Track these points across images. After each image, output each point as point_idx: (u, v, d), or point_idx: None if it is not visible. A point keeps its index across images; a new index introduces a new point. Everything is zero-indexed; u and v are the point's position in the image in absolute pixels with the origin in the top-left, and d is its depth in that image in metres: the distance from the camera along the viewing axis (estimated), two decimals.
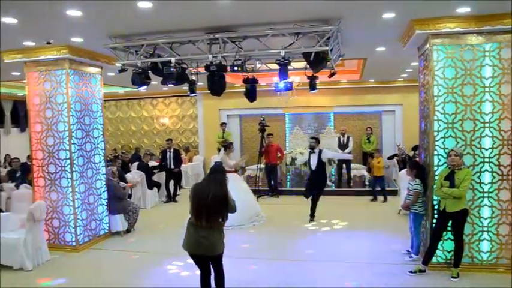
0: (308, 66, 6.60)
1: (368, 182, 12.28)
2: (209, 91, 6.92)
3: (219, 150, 12.66)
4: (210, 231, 4.48)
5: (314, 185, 8.98)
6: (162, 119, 17.04)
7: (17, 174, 9.88)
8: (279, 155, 11.92)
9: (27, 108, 7.56)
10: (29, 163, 10.68)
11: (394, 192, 11.15)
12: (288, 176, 13.81)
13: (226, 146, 9.42)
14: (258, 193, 11.12)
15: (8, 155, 14.02)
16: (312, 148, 8.94)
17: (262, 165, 12.20)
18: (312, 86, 8.26)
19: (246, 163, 12.96)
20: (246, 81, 8.01)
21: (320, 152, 8.85)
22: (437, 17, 5.68)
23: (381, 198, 10.79)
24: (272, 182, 11.92)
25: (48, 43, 6.82)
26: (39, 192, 7.46)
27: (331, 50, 6.11)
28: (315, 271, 6.12)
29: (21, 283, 5.97)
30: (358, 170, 12.77)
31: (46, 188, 7.41)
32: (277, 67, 6.48)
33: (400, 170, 10.73)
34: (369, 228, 8.29)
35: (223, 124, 14.56)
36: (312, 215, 8.86)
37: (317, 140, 9.09)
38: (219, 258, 4.70)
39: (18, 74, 9.81)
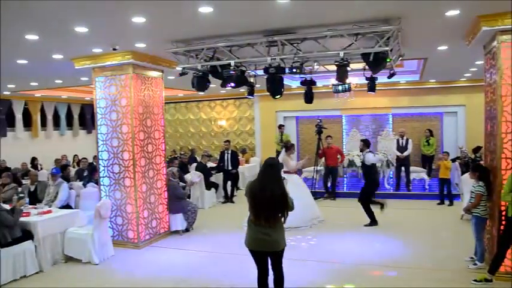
0: (367, 67, 6.50)
1: (428, 185, 11.91)
2: (267, 93, 6.96)
3: (277, 153, 12.70)
4: (271, 228, 4.44)
5: (361, 188, 8.88)
6: (219, 121, 17.35)
7: (85, 174, 10.39)
8: (339, 157, 11.79)
9: (94, 111, 7.96)
10: (95, 163, 11.24)
11: (457, 197, 10.72)
12: (345, 179, 13.64)
13: (288, 147, 9.40)
14: (314, 195, 11.03)
15: (76, 155, 14.81)
16: (361, 151, 8.83)
17: (319, 167, 12.13)
18: (371, 87, 8.12)
19: (303, 165, 12.92)
20: (303, 83, 8.01)
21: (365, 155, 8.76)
22: (506, 12, 5.37)
23: (446, 201, 10.40)
24: (329, 185, 11.81)
25: (114, 49, 7.16)
26: (104, 191, 7.83)
27: (391, 50, 5.99)
28: (372, 275, 6.01)
29: (90, 275, 6.33)
30: (418, 173, 12.38)
31: (111, 187, 7.76)
32: (335, 68, 6.44)
33: (462, 174, 10.30)
34: (428, 232, 8.04)
35: (281, 126, 14.43)
36: (371, 219, 8.66)
37: (365, 143, 8.93)
38: (281, 255, 4.61)
39: (87, 79, 10.34)
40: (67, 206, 8.19)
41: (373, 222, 8.63)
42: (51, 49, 7.18)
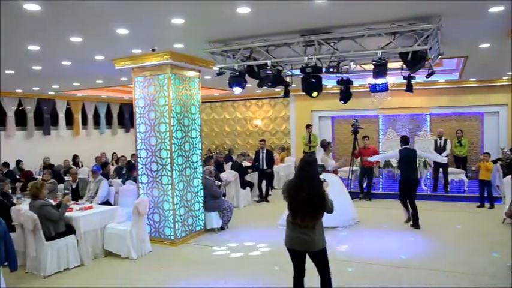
0: (405, 66, 6.41)
1: (467, 187, 11.60)
2: (303, 92, 6.96)
3: (305, 154, 12.65)
4: (308, 228, 4.35)
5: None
6: (254, 120, 17.44)
7: (123, 171, 10.65)
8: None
9: (133, 111, 8.15)
10: (133, 161, 11.51)
11: (498, 199, 10.38)
12: (381, 179, 13.45)
13: (325, 145, 9.32)
14: (349, 195, 10.96)
15: (115, 153, 15.21)
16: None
17: (354, 168, 12.01)
18: (409, 87, 8.00)
19: (340, 166, 12.80)
20: (340, 82, 7.96)
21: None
22: None
23: (486, 204, 10.11)
24: (365, 185, 11.69)
25: (153, 50, 7.32)
26: (142, 188, 8.01)
27: (430, 48, 5.89)
28: (409, 278, 5.92)
29: (129, 270, 6.49)
30: (456, 174, 12.07)
31: (149, 184, 7.94)
32: (372, 67, 6.38)
33: (504, 176, 9.98)
34: (467, 236, 7.83)
35: (309, 126, 13.83)
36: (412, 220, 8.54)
37: (403, 140, 8.83)
38: (321, 254, 4.45)
39: (126, 79, 10.62)
40: (106, 203, 8.42)
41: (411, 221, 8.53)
42: (93, 50, 7.44)
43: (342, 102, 7.99)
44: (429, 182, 12.39)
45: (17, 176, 11.40)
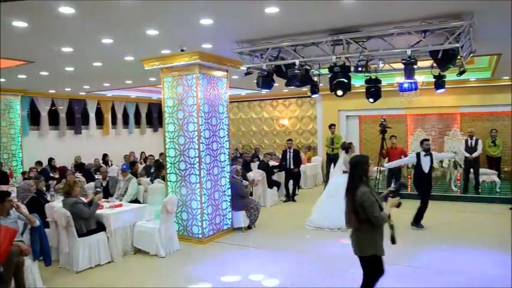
0: (435, 64, 6.31)
1: (499, 188, 11.32)
2: (331, 92, 6.93)
3: (328, 156, 12.45)
4: (353, 231, 4.25)
5: (429, 188, 8.62)
6: (281, 120, 17.43)
7: (152, 170, 10.80)
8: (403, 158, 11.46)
9: (162, 110, 8.27)
10: (161, 160, 11.67)
11: None
12: (409, 180, 13.22)
13: (347, 147, 9.29)
14: None
15: (143, 152, 15.46)
16: (428, 150, 8.56)
17: (382, 168, 11.87)
18: (439, 86, 7.86)
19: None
20: (368, 81, 7.88)
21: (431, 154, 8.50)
22: None
23: None
24: (392, 185, 11.51)
25: (182, 50, 7.42)
26: (171, 187, 8.12)
27: (461, 46, 5.77)
28: (438, 280, 5.82)
29: (157, 268, 6.60)
30: (488, 175, 11.78)
31: (177, 183, 8.04)
32: (401, 66, 6.31)
33: None
34: (500, 241, 7.56)
35: (331, 126, 13.15)
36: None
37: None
38: (365, 262, 4.26)
39: (154, 79, 10.78)
40: (136, 201, 8.57)
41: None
42: (123, 51, 7.58)
43: (371, 100, 7.89)
44: (459, 183, 12.13)
45: (51, 174, 11.71)
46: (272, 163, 12.21)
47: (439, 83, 7.86)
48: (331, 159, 11.97)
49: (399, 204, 4.22)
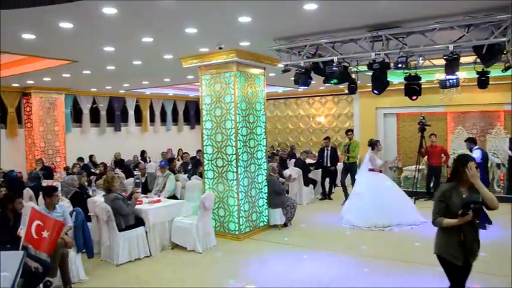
0: (478, 60, 6.11)
1: None
2: (367, 89, 6.85)
3: (345, 164, 11.18)
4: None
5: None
6: (318, 117, 17.32)
7: (189, 167, 10.96)
8: (444, 157, 11.20)
9: (199, 108, 8.37)
10: (198, 157, 11.83)
11: None
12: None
13: (373, 144, 9.15)
14: (415, 195, 10.64)
15: (180, 149, 15.69)
16: (470, 150, 8.34)
17: (421, 167, 11.62)
18: (482, 82, 7.61)
19: (403, 163, 12.46)
20: (407, 78, 7.72)
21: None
22: None
23: None
24: (432, 185, 11.27)
25: (220, 48, 7.48)
26: (208, 183, 8.21)
27: (508, 41, 5.56)
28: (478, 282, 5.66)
29: (194, 263, 6.70)
30: None
31: (214, 180, 8.13)
32: (442, 62, 6.14)
33: None
34: None
35: (349, 132, 11.62)
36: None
37: (472, 140, 8.54)
38: (440, 263, 4.08)
39: (192, 77, 10.93)
40: (173, 197, 8.70)
41: None
42: (162, 50, 7.71)
43: (411, 98, 7.72)
44: (502, 183, 11.73)
45: (92, 170, 12.07)
46: (308, 161, 12.15)
47: (483, 79, 7.61)
48: (347, 168, 11.07)
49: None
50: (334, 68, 6.62)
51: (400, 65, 6.24)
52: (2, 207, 5.43)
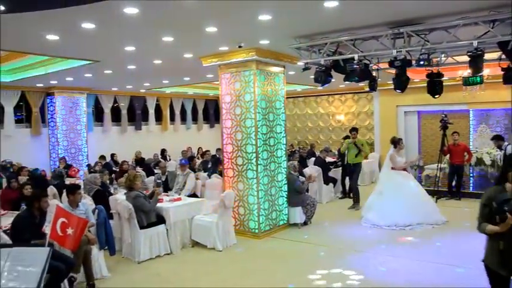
0: (503, 56, 5.99)
1: None
2: (388, 87, 6.78)
3: (347, 166, 10.64)
4: None
5: None
6: (337, 115, 17.21)
7: (209, 165, 11.01)
8: (466, 156, 11.01)
9: (219, 106, 8.40)
10: (217, 155, 11.87)
11: None
12: (471, 178, 12.68)
13: (396, 142, 9.02)
14: (437, 194, 10.50)
15: (200, 147, 15.78)
16: (498, 147, 8.18)
17: (443, 165, 11.44)
18: (507, 79, 7.44)
19: (425, 162, 12.29)
20: (429, 75, 7.61)
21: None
22: None
23: None
24: (454, 184, 11.10)
25: (240, 47, 7.49)
26: (228, 182, 8.24)
27: None
28: None
29: (215, 261, 6.73)
30: None
31: (234, 178, 8.15)
32: (465, 59, 6.05)
33: None
34: None
35: (353, 131, 10.51)
36: None
37: (499, 137, 8.30)
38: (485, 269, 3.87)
39: (212, 76, 10.98)
40: (193, 195, 8.76)
41: None
42: (183, 49, 7.77)
43: (433, 96, 7.61)
44: None
45: (113, 168, 12.23)
46: (328, 159, 12.09)
47: (508, 76, 7.45)
48: (351, 170, 10.48)
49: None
50: (354, 66, 6.58)
51: (422, 62, 6.15)
52: (28, 205, 5.55)
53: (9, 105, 12.40)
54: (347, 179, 11.61)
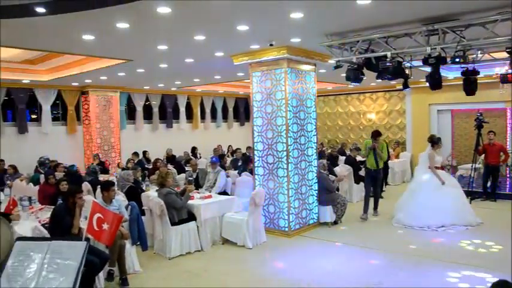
0: None
1: None
2: (420, 85, 6.66)
3: (367, 171, 9.40)
4: None
5: None
6: (368, 114, 17.00)
7: (239, 163, 11.06)
8: (503, 156, 10.69)
9: (250, 105, 8.42)
10: (248, 153, 11.92)
11: None
12: (508, 179, 12.31)
13: (435, 141, 8.83)
14: (471, 195, 10.24)
15: (230, 145, 15.88)
16: None
17: (478, 165, 11.15)
18: None
19: (458, 162, 12.01)
20: (465, 73, 7.43)
21: None
22: None
23: None
24: (489, 185, 10.80)
25: (271, 45, 7.50)
26: (258, 180, 8.26)
27: None
28: None
29: (244, 258, 6.77)
30: None
31: (264, 176, 8.16)
32: (502, 56, 5.87)
33: None
34: None
35: (377, 136, 9.25)
36: None
37: None
38: None
39: (243, 74, 11.02)
40: (224, 193, 8.83)
41: None
42: (214, 47, 7.83)
43: (469, 94, 7.42)
44: None
45: (145, 166, 12.45)
46: (359, 158, 11.95)
47: None
48: (373, 176, 9.23)
49: None
50: (387, 64, 6.48)
51: (457, 60, 6.01)
52: (64, 200, 5.73)
53: (47, 103, 12.78)
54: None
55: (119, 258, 5.65)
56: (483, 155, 10.91)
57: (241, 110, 19.12)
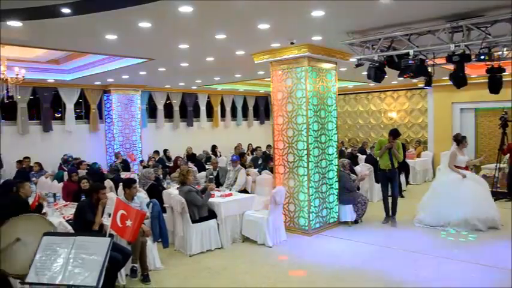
0: None
1: None
2: (442, 83, 6.55)
3: (382, 172, 8.79)
4: None
5: None
6: (389, 113, 16.83)
7: (259, 162, 11.08)
8: None
9: (270, 103, 8.42)
10: (268, 152, 11.92)
11: None
12: None
13: (459, 140, 8.66)
14: (495, 195, 10.03)
15: (250, 144, 15.90)
16: None
17: (502, 165, 10.93)
18: None
19: (481, 162, 11.77)
20: (489, 70, 7.28)
21: None
22: None
23: None
24: None
25: (292, 43, 7.49)
26: (279, 178, 8.26)
27: None
28: None
29: (264, 256, 6.77)
30: None
31: (285, 175, 8.15)
32: None
33: None
34: None
35: (396, 136, 8.57)
36: None
37: None
38: None
39: (263, 72, 11.02)
40: (244, 191, 8.85)
41: None
42: (235, 46, 7.86)
43: (493, 92, 7.26)
44: None
45: (166, 164, 12.57)
46: None
47: None
48: (387, 177, 8.69)
49: None
50: (410, 62, 6.39)
51: (482, 57, 5.90)
52: (87, 196, 5.84)
53: (70, 102, 13.01)
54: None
55: (140, 255, 5.73)
56: (508, 155, 10.69)
57: (262, 109, 19.14)
